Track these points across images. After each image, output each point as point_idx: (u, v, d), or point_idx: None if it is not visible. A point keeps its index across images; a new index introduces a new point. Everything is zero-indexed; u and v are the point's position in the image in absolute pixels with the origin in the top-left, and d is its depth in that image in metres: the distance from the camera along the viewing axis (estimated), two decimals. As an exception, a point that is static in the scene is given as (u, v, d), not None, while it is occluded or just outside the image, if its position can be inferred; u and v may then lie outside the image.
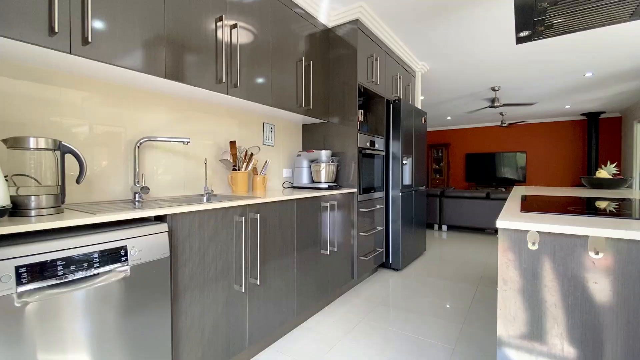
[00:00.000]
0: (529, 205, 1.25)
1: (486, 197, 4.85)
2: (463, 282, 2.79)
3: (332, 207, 2.27)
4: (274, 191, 2.24)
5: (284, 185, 2.69)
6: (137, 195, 1.56)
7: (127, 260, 1.05)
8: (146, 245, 1.11)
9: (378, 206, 2.91)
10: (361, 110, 3.06)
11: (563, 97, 5.75)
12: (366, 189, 2.72)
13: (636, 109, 6.33)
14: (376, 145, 2.90)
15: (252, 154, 2.08)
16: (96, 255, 0.97)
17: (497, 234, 4.89)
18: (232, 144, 2.05)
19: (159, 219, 1.25)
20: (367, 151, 2.69)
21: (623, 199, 1.51)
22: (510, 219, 0.92)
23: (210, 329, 1.39)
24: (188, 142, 1.63)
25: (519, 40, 1.79)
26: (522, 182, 8.35)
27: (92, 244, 0.97)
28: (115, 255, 1.02)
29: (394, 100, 3.05)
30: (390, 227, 3.09)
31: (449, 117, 7.92)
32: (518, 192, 2.07)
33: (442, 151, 9.32)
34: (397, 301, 2.38)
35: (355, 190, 2.54)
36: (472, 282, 2.78)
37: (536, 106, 6.57)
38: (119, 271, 1.03)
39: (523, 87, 5.04)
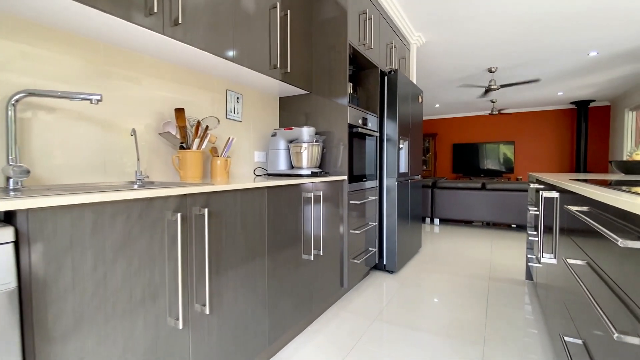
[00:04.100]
0: None
1: (482, 187, 4.48)
2: (470, 286, 2.37)
3: (317, 198, 1.76)
4: (242, 179, 1.70)
5: (256, 172, 2.15)
6: (10, 181, 1.00)
7: None
8: (-49, 274, 0.56)
9: (370, 197, 2.43)
10: (350, 84, 2.55)
11: (559, 82, 5.46)
12: (357, 177, 2.22)
13: (627, 97, 6.15)
14: (369, 125, 2.40)
15: (207, 127, 1.52)
16: None
17: (491, 227, 4.51)
18: (179, 112, 1.49)
19: (11, 218, 0.70)
20: (359, 130, 2.18)
21: None
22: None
23: (122, 394, 0.86)
24: (98, 99, 1.06)
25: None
26: (510, 173, 8.14)
27: None
28: None
29: (389, 72, 2.56)
30: (385, 222, 2.63)
31: (437, 105, 7.55)
32: (549, 178, 1.63)
33: (429, 141, 8.99)
34: (396, 315, 1.92)
35: (344, 177, 2.04)
36: (481, 286, 2.36)
37: (528, 93, 6.29)
38: None
39: (521, 68, 4.67)
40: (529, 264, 2.34)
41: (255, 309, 1.33)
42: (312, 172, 1.96)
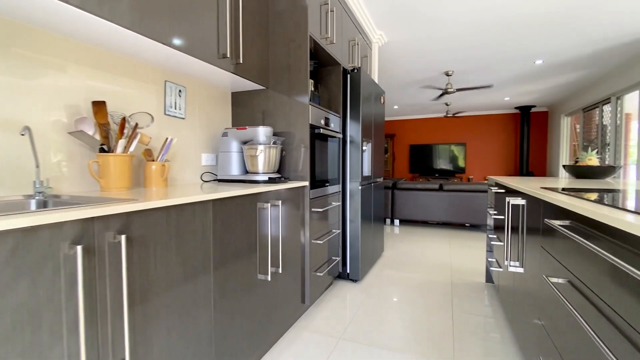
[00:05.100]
0: None
1: (439, 188, 4.57)
2: (433, 292, 2.31)
3: (275, 208, 1.55)
4: (185, 186, 1.44)
5: (203, 178, 1.87)
6: None
7: None
8: None
9: (334, 204, 2.27)
10: (311, 81, 2.36)
11: (507, 88, 5.78)
12: (319, 182, 2.05)
13: (563, 103, 6.72)
14: (331, 125, 2.24)
15: (136, 125, 1.24)
16: None
17: (448, 226, 4.61)
18: (99, 105, 1.19)
19: None
20: (322, 131, 2.01)
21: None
22: None
23: None
24: (-39, 85, 0.75)
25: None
26: (462, 173, 8.55)
27: None
28: None
29: (352, 70, 2.41)
30: (348, 228, 2.48)
31: (396, 107, 7.67)
32: (514, 184, 1.59)
33: (388, 142, 9.14)
34: (362, 331, 1.78)
35: (306, 183, 1.85)
36: (444, 292, 2.31)
37: (478, 98, 6.60)
38: None
39: (474, 73, 4.84)
40: (490, 268, 2.34)
41: (198, 348, 1.09)
42: (269, 177, 1.75)
